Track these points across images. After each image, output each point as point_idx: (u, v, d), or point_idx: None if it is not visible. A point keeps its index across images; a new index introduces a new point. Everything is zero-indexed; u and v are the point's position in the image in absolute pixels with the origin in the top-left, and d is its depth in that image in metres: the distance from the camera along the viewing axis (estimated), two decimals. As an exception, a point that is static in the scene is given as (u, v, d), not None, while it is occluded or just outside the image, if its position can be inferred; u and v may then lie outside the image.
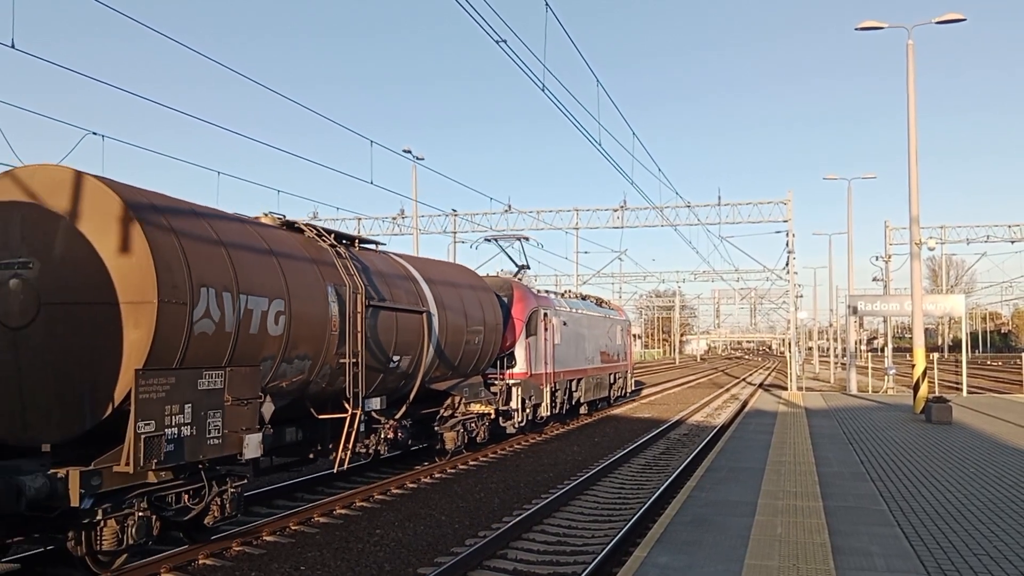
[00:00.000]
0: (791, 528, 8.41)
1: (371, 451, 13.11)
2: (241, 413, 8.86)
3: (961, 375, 33.05)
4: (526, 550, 9.80)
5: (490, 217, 40.79)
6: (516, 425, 18.87)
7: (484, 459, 16.70)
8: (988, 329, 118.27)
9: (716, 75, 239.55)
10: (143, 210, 8.32)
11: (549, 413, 20.93)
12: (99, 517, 7.84)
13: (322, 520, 11.12)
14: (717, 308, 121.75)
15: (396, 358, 13.02)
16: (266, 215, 11.64)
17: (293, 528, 10.61)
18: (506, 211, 40.38)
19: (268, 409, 9.88)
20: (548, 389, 20.75)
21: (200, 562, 9.00)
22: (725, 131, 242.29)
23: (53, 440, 8.08)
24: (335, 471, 12.26)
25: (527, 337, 19.54)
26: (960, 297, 36.68)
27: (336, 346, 11.16)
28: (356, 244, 13.12)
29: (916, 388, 21.65)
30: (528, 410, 19.47)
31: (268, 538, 10.09)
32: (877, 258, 42.73)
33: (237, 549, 9.57)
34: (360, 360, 11.64)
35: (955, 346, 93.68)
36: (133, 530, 8.14)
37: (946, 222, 48.14)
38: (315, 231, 11.94)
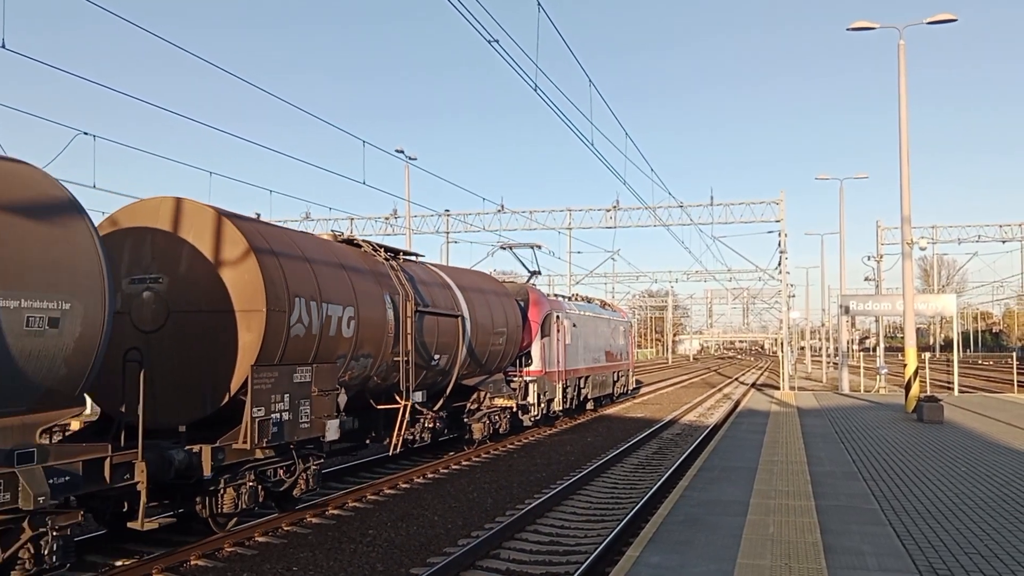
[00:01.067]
0: (783, 527, 8.42)
1: (416, 438, 14.79)
2: (324, 402, 10.66)
3: (953, 374, 33.20)
4: (519, 550, 9.80)
5: (483, 217, 40.80)
6: (533, 418, 20.66)
7: (477, 459, 16.70)
8: (979, 328, 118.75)
9: (709, 75, 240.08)
10: (251, 234, 10.17)
11: (561, 407, 22.66)
12: (221, 485, 9.57)
13: (314, 520, 11.10)
14: (710, 308, 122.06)
15: (437, 356, 14.93)
16: (329, 233, 13.73)
17: (285, 528, 10.58)
18: (499, 211, 40.38)
19: (342, 399, 11.62)
20: (560, 386, 22.41)
21: (192, 563, 8.97)
22: (718, 131, 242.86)
23: (184, 423, 9.65)
24: (390, 454, 14.43)
25: (542, 338, 21.23)
26: (951, 297, 36.82)
27: (391, 346, 13.00)
28: (400, 256, 14.77)
29: (908, 387, 21.71)
30: (543, 404, 21.16)
31: (260, 539, 10.06)
32: (869, 258, 42.91)
33: (229, 550, 9.54)
34: (410, 358, 13.53)
35: (947, 345, 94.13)
36: (246, 497, 9.87)
37: (938, 222, 48.39)
38: (370, 246, 13.86)
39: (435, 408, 15.33)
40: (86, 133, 16.26)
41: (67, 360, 7.20)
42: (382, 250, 14.02)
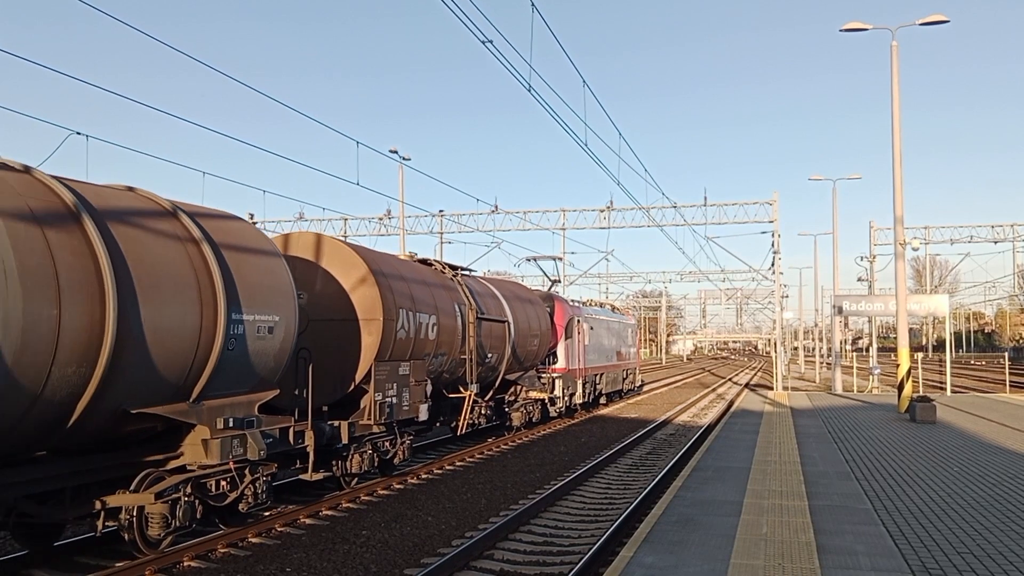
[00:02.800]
0: (777, 527, 8.44)
1: (475, 421, 17.81)
2: (418, 390, 13.73)
3: (945, 374, 33.31)
4: (513, 550, 9.80)
5: (477, 218, 40.79)
6: (558, 410, 23.54)
7: (471, 459, 16.69)
8: (972, 329, 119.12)
9: (702, 76, 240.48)
10: (369, 259, 13.13)
11: (581, 400, 25.67)
12: (351, 452, 12.41)
13: (308, 521, 11.08)
14: (703, 308, 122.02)
15: (489, 355, 17.84)
16: (408, 254, 16.80)
17: (279, 529, 10.56)
18: (493, 212, 40.38)
19: (429, 389, 14.34)
20: (581, 381, 25.46)
21: (185, 564, 8.95)
22: (711, 132, 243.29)
23: (325, 404, 12.14)
24: (458, 434, 17.58)
25: (565, 339, 24.09)
26: (944, 297, 36.93)
27: (459, 346, 15.94)
28: (459, 271, 17.37)
29: (901, 387, 21.78)
30: (566, 398, 23.97)
31: (253, 540, 10.04)
32: (862, 258, 43.06)
33: (223, 551, 9.51)
34: (472, 356, 16.47)
35: (939, 346, 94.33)
36: (366, 462, 12.76)
37: (930, 222, 48.61)
38: (440, 264, 16.82)
39: (486, 398, 18.44)
40: (79, 133, 16.19)
41: (274, 356, 9.91)
42: (447, 267, 16.88)
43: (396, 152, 31.46)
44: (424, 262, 16.40)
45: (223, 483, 9.48)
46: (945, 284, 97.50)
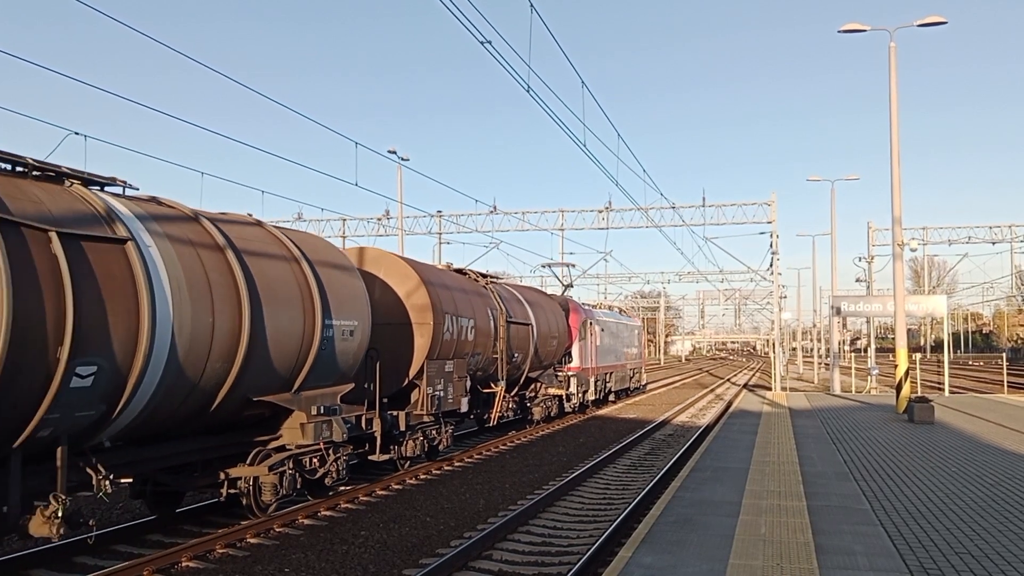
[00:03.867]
0: (775, 528, 8.45)
1: (504, 414, 19.87)
2: (460, 385, 15.80)
3: (943, 375, 33.35)
4: (511, 551, 9.80)
5: (475, 218, 40.79)
6: (573, 405, 25.34)
7: (469, 460, 16.70)
8: (970, 329, 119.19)
9: (701, 77, 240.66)
10: (420, 271, 15.16)
11: (594, 397, 27.87)
12: (407, 438, 14.39)
13: (306, 522, 11.07)
14: (702, 309, 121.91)
15: (516, 355, 19.74)
16: (444, 264, 18.79)
17: (277, 530, 10.56)
18: (491, 212, 40.39)
19: (468, 384, 16.28)
20: (593, 379, 27.51)
21: (184, 564, 8.94)
22: (709, 133, 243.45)
23: (384, 397, 13.82)
24: (490, 424, 19.55)
25: (579, 340, 25.94)
26: (942, 298, 36.96)
27: (492, 347, 17.93)
28: (488, 279, 19.40)
29: (899, 388, 21.81)
30: (580, 395, 25.81)
31: (252, 540, 10.03)
32: (860, 259, 43.06)
33: (221, 551, 9.51)
34: (502, 356, 18.54)
35: (937, 346, 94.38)
36: (418, 447, 14.70)
37: (928, 223, 48.59)
38: (474, 273, 18.92)
39: (512, 394, 20.44)
40: (77, 133, 16.16)
41: (353, 355, 11.89)
42: (479, 275, 19.08)
43: (395, 152, 31.46)
44: (460, 271, 18.40)
45: (314, 460, 11.47)
46: (943, 285, 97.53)
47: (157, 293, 8.22)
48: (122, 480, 8.96)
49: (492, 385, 18.82)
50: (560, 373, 24.49)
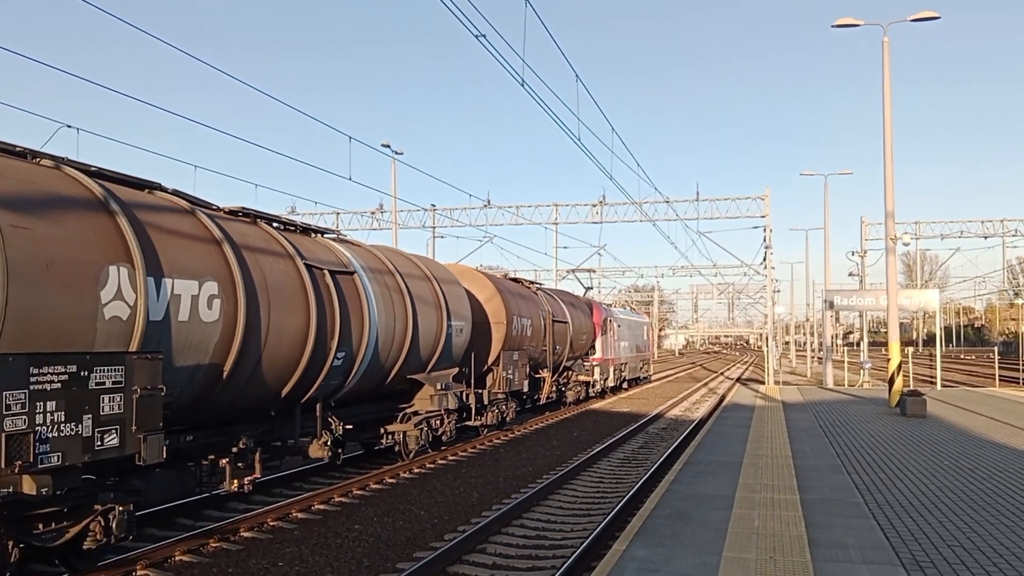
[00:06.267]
0: (768, 521, 8.47)
1: (550, 395, 24.05)
2: (523, 371, 20.00)
3: (935, 369, 33.46)
4: (505, 544, 9.80)
5: (469, 212, 40.76)
6: (596, 391, 29.98)
7: (463, 454, 16.70)
8: (962, 323, 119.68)
9: (695, 71, 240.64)
10: (495, 281, 19.69)
11: (612, 384, 32.61)
12: (487, 410, 18.27)
13: (300, 516, 11.06)
14: (695, 303, 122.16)
15: (558, 347, 24.20)
16: (503, 275, 23.12)
17: (271, 524, 10.55)
18: (485, 206, 40.36)
19: (527, 370, 20.52)
20: (612, 368, 32.25)
21: (177, 558, 8.93)
22: (704, 127, 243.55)
23: (469, 378, 17.42)
24: (541, 402, 23.79)
25: (601, 335, 30.38)
26: (934, 292, 37.09)
27: (541, 341, 22.48)
28: (535, 285, 24.38)
29: (891, 382, 21.87)
30: (602, 381, 30.55)
31: (245, 534, 10.02)
32: (853, 253, 43.15)
33: (214, 545, 9.49)
34: (548, 348, 23.06)
35: (929, 340, 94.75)
36: (495, 419, 18.88)
37: (921, 218, 48.56)
38: (526, 282, 23.86)
39: (552, 379, 24.21)
40: (69, 126, 16.09)
41: (461, 346, 16.14)
42: (528, 282, 24.15)
43: (388, 146, 31.39)
44: (515, 280, 23.04)
45: (436, 422, 15.52)
46: (935, 279, 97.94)
47: (369, 306, 12.41)
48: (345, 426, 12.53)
49: (541, 371, 23.31)
50: (586, 363, 28.73)
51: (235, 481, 9.82)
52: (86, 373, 6.68)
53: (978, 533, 8.03)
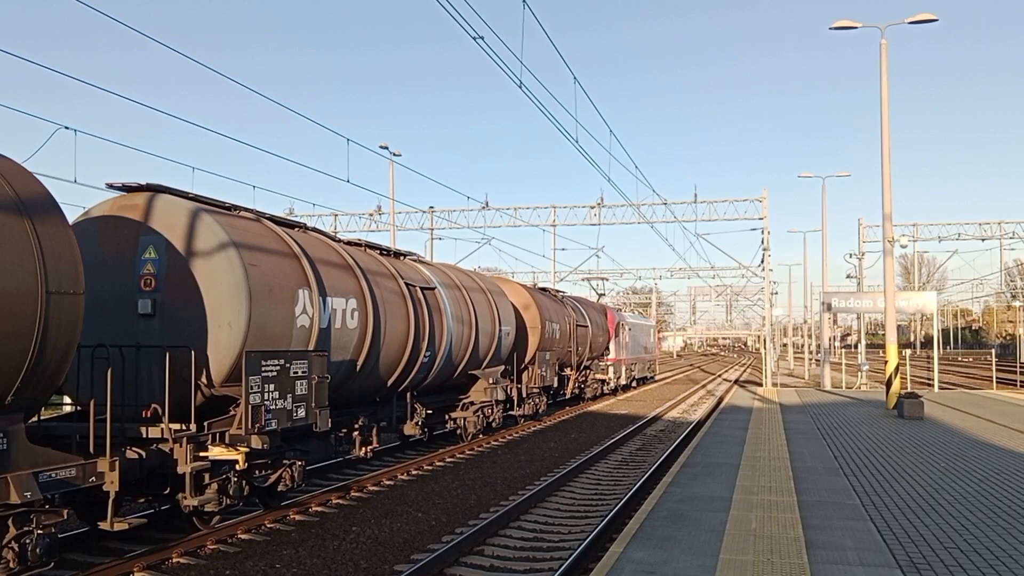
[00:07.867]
0: (766, 523, 8.48)
1: (574, 391, 27.82)
2: (553, 369, 22.96)
3: (933, 371, 33.48)
4: (503, 546, 9.80)
5: (467, 214, 40.81)
6: (611, 388, 33.27)
7: (461, 455, 16.70)
8: (959, 326, 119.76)
9: (693, 73, 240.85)
10: (531, 292, 22.70)
11: (624, 382, 35.71)
12: (524, 402, 21.06)
13: (298, 518, 11.05)
14: (693, 305, 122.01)
15: (580, 348, 27.36)
16: (532, 285, 24.91)
17: (268, 526, 10.54)
18: (483, 208, 40.38)
19: (556, 368, 23.47)
20: (624, 368, 35.44)
21: (174, 560, 8.91)
22: (702, 129, 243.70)
23: (511, 375, 20.36)
24: (567, 395, 27.77)
25: (615, 337, 33.44)
26: (932, 294, 37.12)
27: (567, 343, 25.40)
28: (561, 294, 27.61)
29: (888, 384, 21.89)
30: (615, 379, 33.64)
31: (243, 536, 10.01)
32: (851, 255, 43.22)
33: (212, 547, 9.48)
34: (574, 349, 26.24)
35: (927, 342, 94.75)
36: (530, 409, 21.55)
37: (918, 220, 48.73)
38: (553, 290, 27.44)
39: (574, 376, 27.34)
40: (67, 127, 16.09)
41: (509, 347, 19.22)
42: (554, 290, 27.47)
43: (387, 148, 31.42)
44: (543, 290, 25.46)
45: (488, 411, 18.33)
46: (933, 281, 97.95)
47: (446, 315, 15.51)
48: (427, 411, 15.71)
49: (566, 369, 26.36)
50: (602, 363, 31.96)
51: (363, 448, 13.22)
52: (288, 364, 9.66)
53: (975, 535, 8.04)
